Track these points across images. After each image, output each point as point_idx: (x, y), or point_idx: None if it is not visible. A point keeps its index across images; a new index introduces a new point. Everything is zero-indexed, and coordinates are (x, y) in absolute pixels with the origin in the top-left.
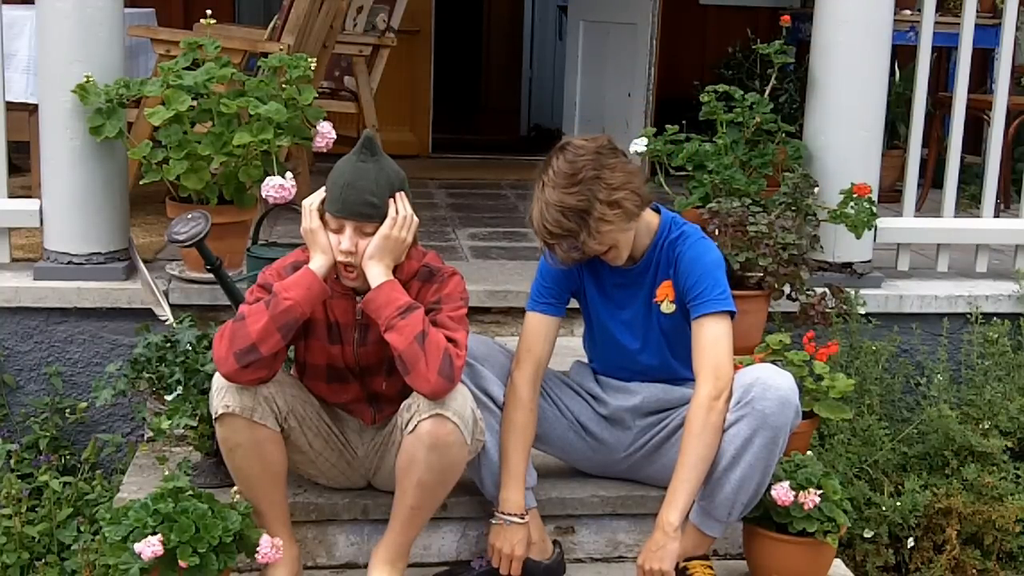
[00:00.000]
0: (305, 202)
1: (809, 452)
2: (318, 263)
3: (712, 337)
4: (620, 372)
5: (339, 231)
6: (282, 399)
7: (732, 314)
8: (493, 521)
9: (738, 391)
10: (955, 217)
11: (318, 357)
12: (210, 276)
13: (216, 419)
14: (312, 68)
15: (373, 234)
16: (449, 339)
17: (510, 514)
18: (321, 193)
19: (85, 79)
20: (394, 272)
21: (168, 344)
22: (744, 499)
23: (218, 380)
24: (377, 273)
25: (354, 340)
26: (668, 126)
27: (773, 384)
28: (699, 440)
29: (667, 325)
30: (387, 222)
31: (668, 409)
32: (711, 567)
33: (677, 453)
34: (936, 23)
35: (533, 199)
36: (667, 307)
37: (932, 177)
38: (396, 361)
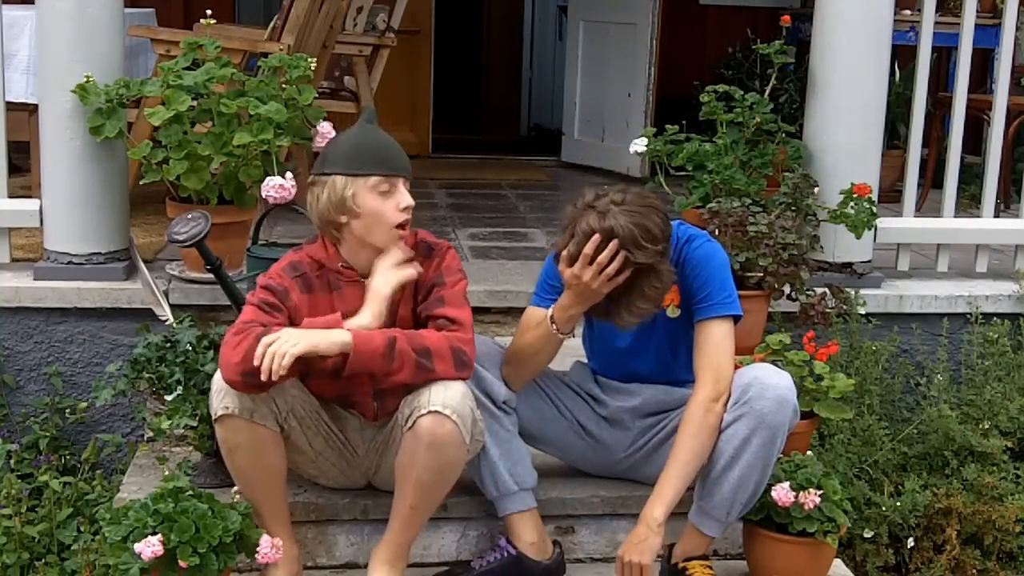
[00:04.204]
0: (274, 347)
1: (809, 452)
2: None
3: (714, 340)
4: (620, 374)
5: (390, 192)
6: (282, 399)
7: (737, 318)
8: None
9: (736, 391)
10: (955, 217)
11: None
12: (210, 276)
13: (215, 420)
14: (312, 68)
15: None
16: (450, 319)
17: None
18: (296, 339)
19: (85, 79)
20: None
21: (168, 344)
22: (743, 499)
23: (218, 381)
24: (365, 317)
25: None
26: (668, 126)
27: (771, 384)
28: (694, 440)
29: (671, 329)
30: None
31: (668, 410)
32: (711, 567)
33: None
34: (936, 23)
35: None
36: (672, 311)
37: (932, 177)
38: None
